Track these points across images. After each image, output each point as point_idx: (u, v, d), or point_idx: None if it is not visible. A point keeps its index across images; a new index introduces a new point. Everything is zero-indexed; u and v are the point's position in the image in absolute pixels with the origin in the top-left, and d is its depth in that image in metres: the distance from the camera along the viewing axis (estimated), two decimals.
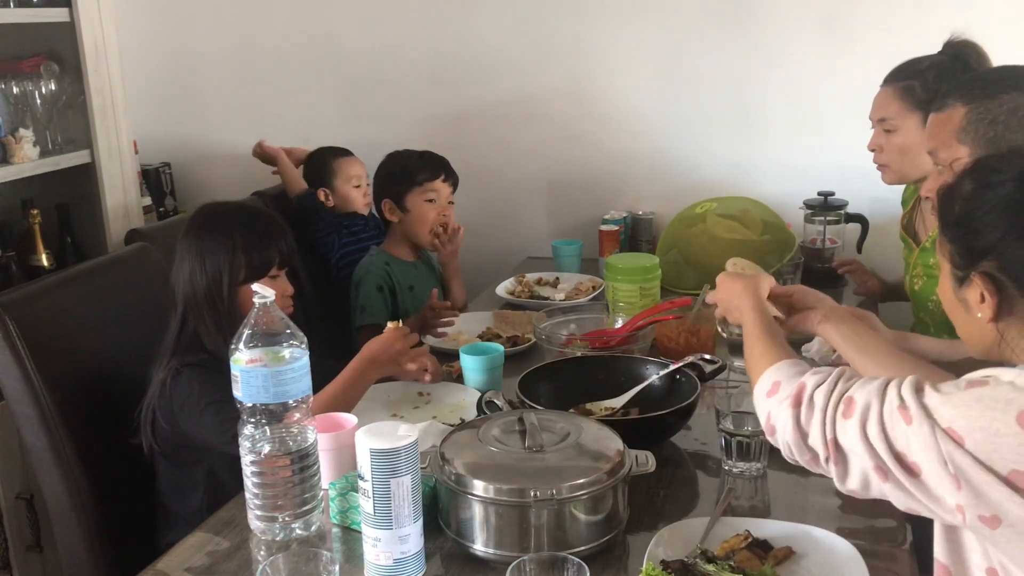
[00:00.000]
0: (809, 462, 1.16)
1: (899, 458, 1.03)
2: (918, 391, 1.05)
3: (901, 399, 1.05)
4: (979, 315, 1.11)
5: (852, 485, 1.11)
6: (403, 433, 1.23)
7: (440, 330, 2.25)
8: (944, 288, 1.18)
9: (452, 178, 2.56)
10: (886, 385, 1.09)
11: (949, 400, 1.02)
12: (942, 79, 1.91)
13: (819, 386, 1.15)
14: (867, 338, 1.46)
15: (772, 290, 1.55)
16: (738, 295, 1.50)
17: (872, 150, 2.08)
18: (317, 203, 2.82)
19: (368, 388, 1.79)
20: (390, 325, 1.83)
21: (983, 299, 1.09)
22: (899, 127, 1.99)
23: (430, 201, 2.51)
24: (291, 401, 1.35)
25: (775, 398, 1.20)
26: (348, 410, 1.68)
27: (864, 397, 1.09)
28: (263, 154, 3.02)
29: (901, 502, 1.07)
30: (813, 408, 1.14)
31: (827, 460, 1.12)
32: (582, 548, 1.28)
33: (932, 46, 2.02)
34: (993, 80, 1.58)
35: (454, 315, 2.31)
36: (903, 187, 2.28)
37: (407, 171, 2.53)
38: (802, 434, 1.14)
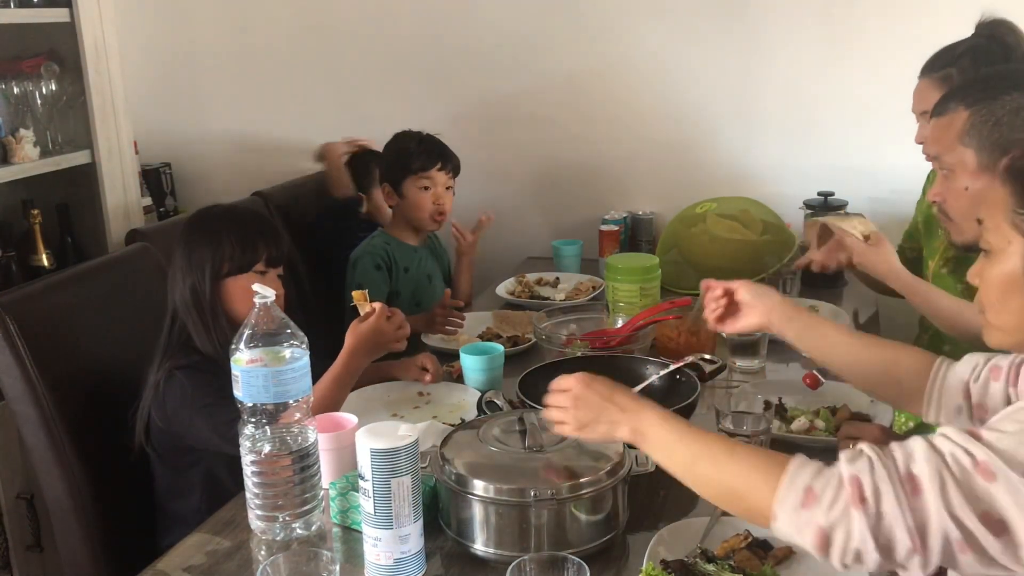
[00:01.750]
0: (880, 564, 0.98)
1: (985, 519, 0.94)
2: (977, 438, 0.97)
3: (971, 455, 0.96)
4: None
5: (931, 570, 0.97)
6: (403, 433, 1.23)
7: (448, 328, 2.26)
8: (1004, 270, 1.10)
9: (450, 164, 2.53)
10: (936, 445, 0.99)
11: (1021, 439, 0.95)
12: (979, 63, 1.88)
13: (872, 471, 0.99)
14: (824, 328, 1.46)
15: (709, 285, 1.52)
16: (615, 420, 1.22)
17: (920, 143, 2.05)
18: (355, 211, 2.80)
19: (356, 378, 1.75)
20: (355, 294, 1.77)
21: None
22: None
23: (425, 188, 2.50)
24: (291, 401, 1.35)
25: (818, 508, 1.00)
26: (340, 404, 1.68)
27: (927, 467, 0.97)
28: (326, 154, 2.94)
29: (977, 570, 0.97)
30: (881, 499, 0.97)
31: (910, 553, 0.96)
32: (582, 548, 1.28)
33: (932, 45, 2.01)
34: (993, 82, 1.58)
35: (462, 317, 2.30)
36: (924, 178, 2.26)
37: (403, 158, 2.52)
38: (874, 533, 0.97)
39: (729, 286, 1.53)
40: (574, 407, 1.25)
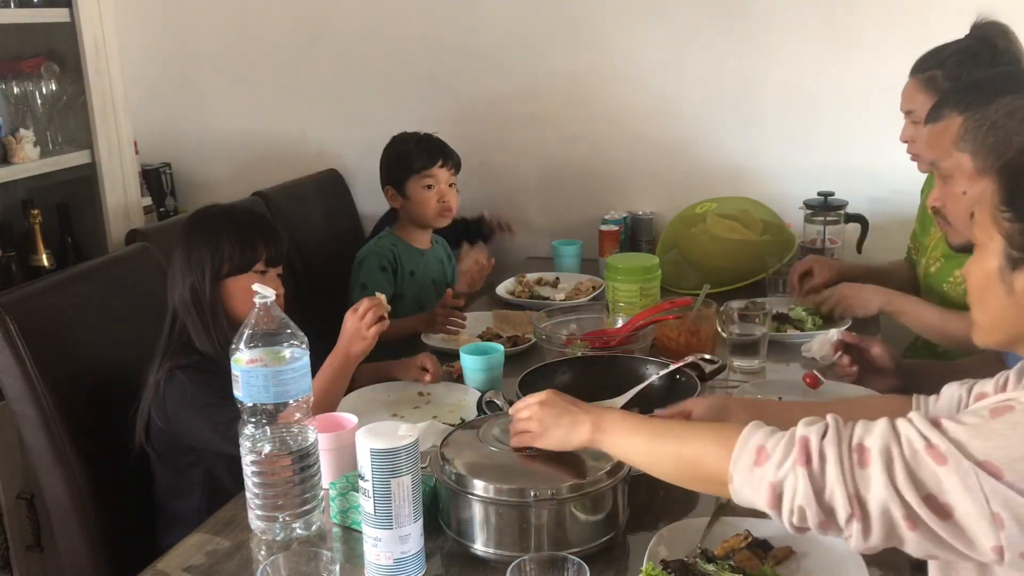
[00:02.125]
0: (820, 525, 1.01)
1: (929, 501, 0.95)
2: (936, 426, 0.98)
3: (926, 438, 0.97)
4: None
5: (874, 541, 0.99)
6: (403, 433, 1.23)
7: (450, 328, 2.25)
8: (984, 267, 1.11)
9: (451, 161, 2.53)
10: (895, 425, 1.01)
11: (978, 432, 0.96)
12: (964, 65, 1.89)
13: (823, 436, 1.02)
14: (788, 414, 1.38)
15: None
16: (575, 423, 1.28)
17: (904, 141, 2.06)
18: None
19: (346, 377, 1.75)
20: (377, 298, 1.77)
21: None
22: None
23: (429, 187, 2.50)
24: (291, 401, 1.35)
25: (768, 465, 1.04)
26: (333, 405, 1.69)
27: (879, 442, 0.99)
28: None
29: (925, 550, 0.98)
30: (826, 462, 1.00)
31: (849, 518, 0.98)
32: (582, 548, 1.28)
33: (932, 45, 2.02)
34: (986, 86, 1.58)
35: (463, 317, 2.29)
36: (924, 177, 2.26)
37: (404, 158, 2.52)
38: (817, 493, 1.00)
39: (684, 409, 1.46)
40: (540, 410, 1.31)
